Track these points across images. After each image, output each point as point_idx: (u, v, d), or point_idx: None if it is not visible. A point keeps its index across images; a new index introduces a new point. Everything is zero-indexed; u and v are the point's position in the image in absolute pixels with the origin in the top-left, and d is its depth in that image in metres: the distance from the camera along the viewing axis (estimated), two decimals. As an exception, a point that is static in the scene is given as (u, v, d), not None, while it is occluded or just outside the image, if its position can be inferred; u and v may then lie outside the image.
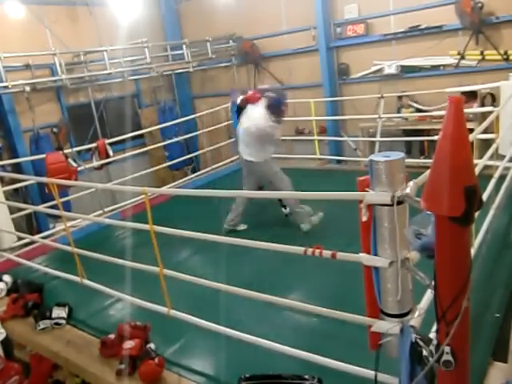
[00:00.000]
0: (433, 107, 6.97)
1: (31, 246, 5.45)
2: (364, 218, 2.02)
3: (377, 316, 2.14)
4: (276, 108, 4.89)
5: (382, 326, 2.10)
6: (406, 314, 2.06)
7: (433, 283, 1.77)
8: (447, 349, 1.72)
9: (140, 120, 9.59)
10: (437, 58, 7.27)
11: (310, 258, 2.43)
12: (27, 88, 6.85)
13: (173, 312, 3.19)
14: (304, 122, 8.63)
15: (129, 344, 3.08)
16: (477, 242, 3.49)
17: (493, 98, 6.47)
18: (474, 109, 6.43)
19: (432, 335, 1.98)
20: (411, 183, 1.94)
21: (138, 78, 9.19)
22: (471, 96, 6.62)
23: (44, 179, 4.85)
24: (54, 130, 7.80)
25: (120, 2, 8.27)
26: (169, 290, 3.17)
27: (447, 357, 1.72)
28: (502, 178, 4.33)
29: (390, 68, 7.67)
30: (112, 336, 3.27)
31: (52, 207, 4.88)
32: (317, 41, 8.32)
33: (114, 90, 8.89)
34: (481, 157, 3.82)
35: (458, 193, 1.55)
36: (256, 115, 4.99)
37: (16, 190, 6.71)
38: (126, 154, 7.27)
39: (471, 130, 3.07)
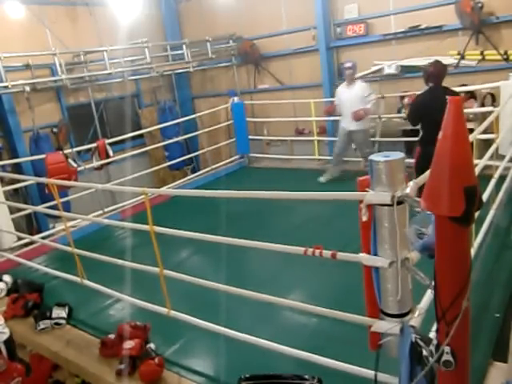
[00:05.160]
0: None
1: (31, 246, 5.45)
2: (364, 218, 2.02)
3: (377, 316, 2.14)
4: None
5: (382, 325, 2.10)
6: (406, 314, 2.06)
7: (433, 283, 1.77)
8: (447, 349, 1.72)
9: (140, 120, 9.59)
10: (437, 58, 7.25)
11: (310, 258, 2.43)
12: (27, 88, 6.84)
13: (173, 312, 3.19)
14: (304, 122, 8.63)
15: (129, 344, 3.08)
16: (477, 242, 3.49)
17: (493, 98, 6.46)
18: (474, 109, 6.43)
19: (432, 335, 1.98)
20: (411, 183, 1.94)
21: (138, 78, 9.18)
22: (470, 96, 6.62)
23: (44, 179, 4.85)
24: (54, 130, 7.80)
25: (120, 2, 8.27)
26: (169, 291, 3.17)
27: (447, 357, 1.72)
28: (502, 178, 4.33)
29: (390, 68, 7.66)
30: (112, 336, 3.27)
31: (52, 207, 4.88)
32: (317, 41, 8.31)
33: (114, 90, 8.89)
34: (481, 157, 3.82)
35: (457, 193, 1.55)
36: None
37: (16, 190, 6.70)
38: (126, 154, 7.27)
39: (471, 130, 3.08)
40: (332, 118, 8.16)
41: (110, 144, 6.58)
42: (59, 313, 3.79)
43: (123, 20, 8.29)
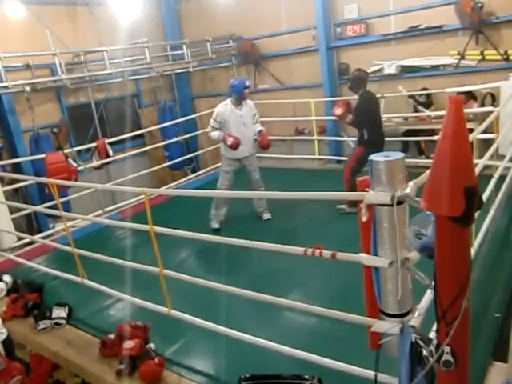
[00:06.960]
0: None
1: (31, 246, 5.45)
2: (364, 218, 2.02)
3: (377, 316, 2.14)
4: None
5: (382, 326, 2.09)
6: (406, 314, 2.06)
7: (433, 283, 1.77)
8: (447, 349, 1.72)
9: (140, 120, 9.59)
10: (437, 58, 7.26)
11: (311, 259, 2.43)
12: (27, 88, 6.84)
13: (173, 312, 3.19)
14: (304, 122, 8.62)
15: (129, 344, 3.08)
16: (477, 242, 3.49)
17: (493, 98, 6.46)
18: (474, 109, 6.43)
19: (432, 335, 1.98)
20: (411, 183, 1.93)
21: (138, 78, 9.18)
22: (470, 96, 6.62)
23: (44, 179, 4.84)
24: (54, 130, 7.78)
25: (120, 2, 8.26)
26: (169, 290, 3.17)
27: (447, 357, 1.72)
28: (502, 178, 4.33)
29: (390, 68, 7.65)
30: (112, 336, 3.28)
31: (52, 207, 4.88)
32: (317, 41, 8.31)
33: (114, 90, 8.89)
34: (481, 157, 3.82)
35: (457, 193, 1.55)
36: None
37: (16, 190, 6.70)
38: (126, 154, 7.27)
39: (471, 130, 3.08)
40: (330, 118, 8.19)
41: (110, 144, 6.58)
42: (59, 313, 3.79)
43: (123, 20, 8.29)
